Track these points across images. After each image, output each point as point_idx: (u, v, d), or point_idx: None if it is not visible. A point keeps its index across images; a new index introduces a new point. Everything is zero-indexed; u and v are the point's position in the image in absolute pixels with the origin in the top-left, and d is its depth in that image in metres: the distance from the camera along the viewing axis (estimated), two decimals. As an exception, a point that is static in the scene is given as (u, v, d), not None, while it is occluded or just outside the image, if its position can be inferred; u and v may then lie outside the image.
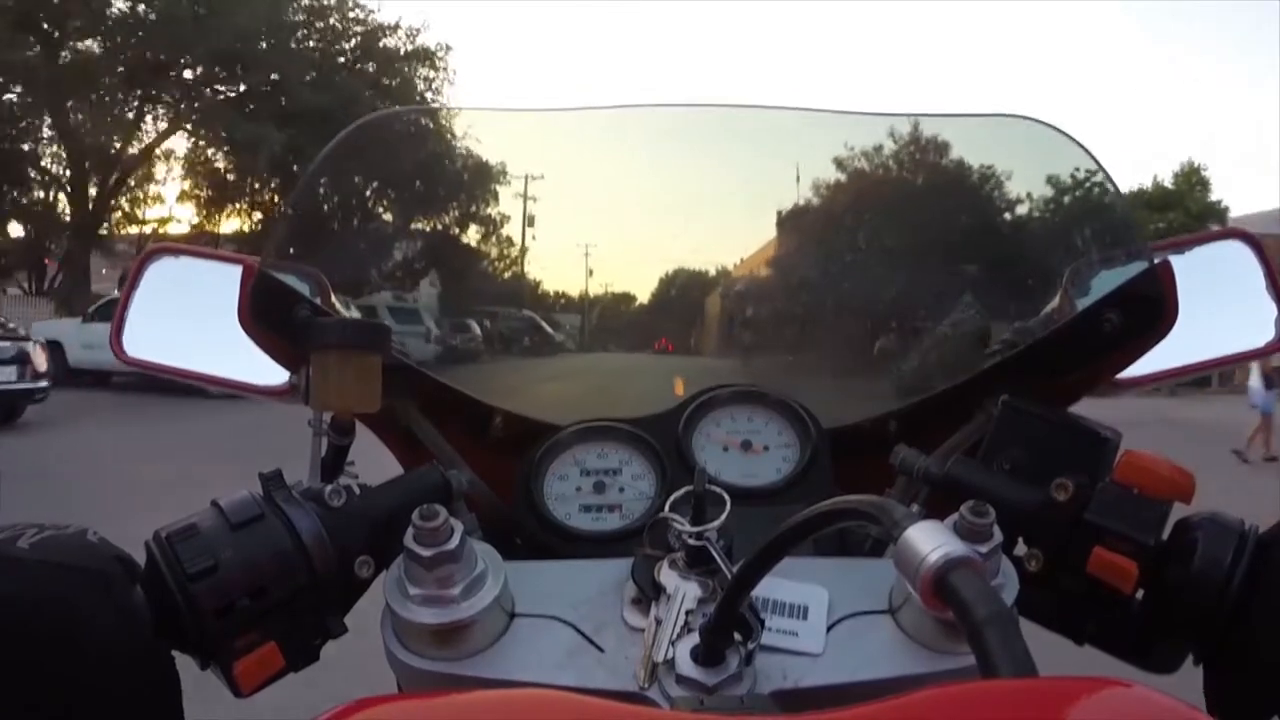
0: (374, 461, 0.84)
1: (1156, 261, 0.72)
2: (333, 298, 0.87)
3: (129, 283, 0.82)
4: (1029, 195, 1.15)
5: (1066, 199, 1.02)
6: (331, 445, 0.74)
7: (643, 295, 1.27)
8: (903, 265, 1.32)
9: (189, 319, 0.84)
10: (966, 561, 0.42)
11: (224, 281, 0.77)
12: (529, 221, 1.28)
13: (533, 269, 1.34)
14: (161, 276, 0.84)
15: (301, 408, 0.75)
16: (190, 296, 0.83)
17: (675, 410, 0.88)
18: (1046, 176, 1.06)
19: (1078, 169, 0.91)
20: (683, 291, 1.25)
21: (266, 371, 0.82)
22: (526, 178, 1.22)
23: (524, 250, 1.31)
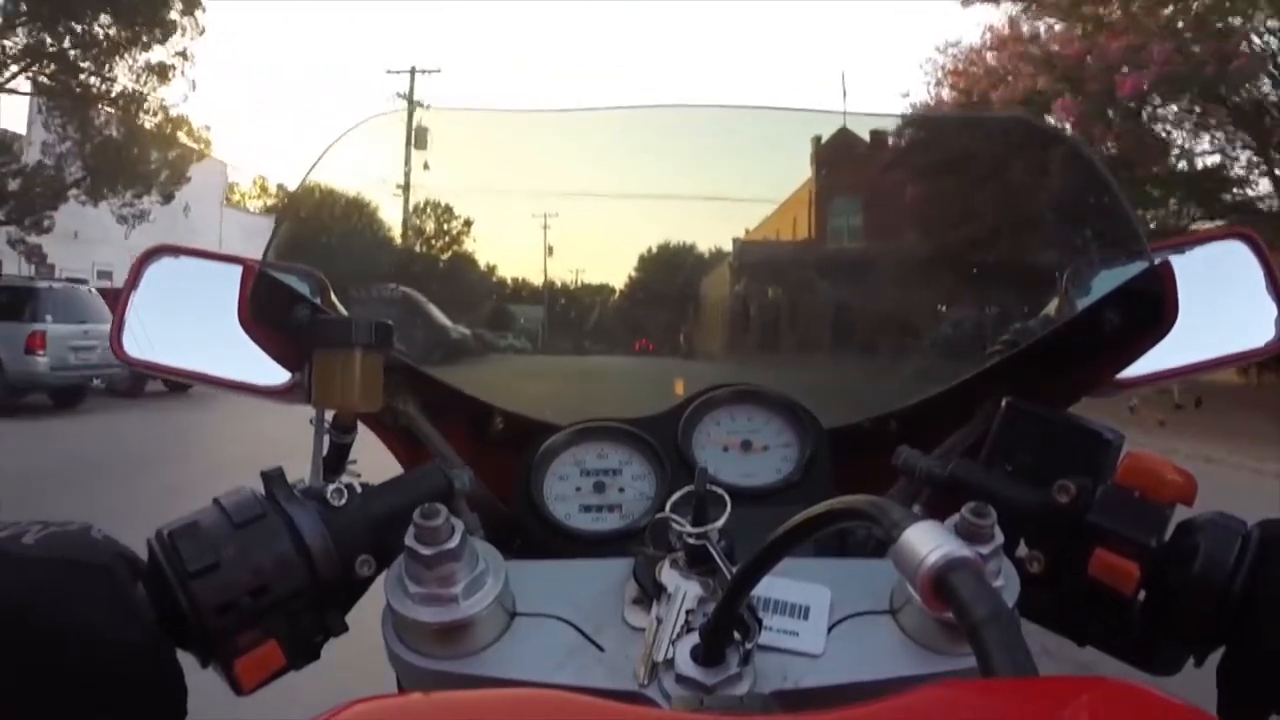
0: (375, 461, 0.84)
1: (1157, 261, 0.72)
2: (332, 297, 0.87)
3: (129, 282, 0.82)
4: (1029, 195, 1.15)
5: (1066, 199, 1.02)
6: (333, 444, 0.74)
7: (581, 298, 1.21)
8: (901, 265, 1.32)
9: (189, 319, 0.84)
10: (966, 561, 0.42)
11: (224, 281, 0.77)
12: (416, 140, 0.98)
13: (480, 254, 1.18)
14: (161, 276, 0.84)
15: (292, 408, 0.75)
16: (190, 296, 0.83)
17: (675, 410, 0.88)
18: (1046, 177, 1.06)
19: (1077, 169, 0.91)
20: (661, 284, 1.22)
21: (266, 371, 0.82)
22: (412, 70, 0.93)
23: (407, 189, 1.06)
